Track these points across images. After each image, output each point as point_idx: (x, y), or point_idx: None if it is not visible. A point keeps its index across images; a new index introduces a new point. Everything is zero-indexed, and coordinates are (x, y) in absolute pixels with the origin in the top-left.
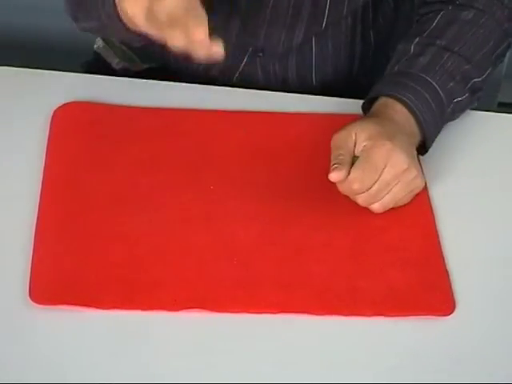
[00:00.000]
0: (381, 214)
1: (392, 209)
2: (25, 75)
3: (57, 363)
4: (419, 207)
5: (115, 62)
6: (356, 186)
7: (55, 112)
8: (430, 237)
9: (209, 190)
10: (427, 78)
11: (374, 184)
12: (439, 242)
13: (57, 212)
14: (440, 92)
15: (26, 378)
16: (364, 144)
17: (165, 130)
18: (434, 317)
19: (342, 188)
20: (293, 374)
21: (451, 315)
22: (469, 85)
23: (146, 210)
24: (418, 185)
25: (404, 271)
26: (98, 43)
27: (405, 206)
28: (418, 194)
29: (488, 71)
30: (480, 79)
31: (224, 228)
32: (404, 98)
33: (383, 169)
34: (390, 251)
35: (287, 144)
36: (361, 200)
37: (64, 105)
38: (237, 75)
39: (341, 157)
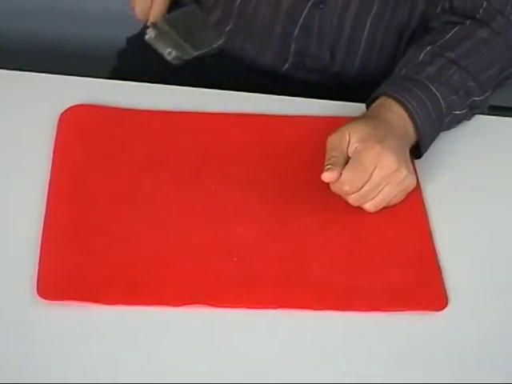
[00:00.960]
0: (376, 213)
1: (386, 208)
2: (32, 79)
3: (63, 357)
4: (413, 207)
5: (167, 52)
6: (347, 188)
7: (62, 115)
8: (424, 235)
9: (210, 190)
10: (432, 87)
11: (364, 185)
12: (432, 240)
13: (64, 211)
14: (441, 103)
15: (33, 372)
16: (355, 146)
17: (168, 132)
18: (426, 312)
19: (334, 188)
20: (291, 366)
21: (443, 311)
22: (469, 101)
23: (150, 210)
24: (408, 184)
25: (398, 268)
26: (150, 33)
27: (399, 205)
28: (411, 194)
29: (488, 93)
30: (479, 98)
31: (225, 227)
32: (403, 100)
33: (373, 170)
34: (385, 249)
35: (287, 146)
36: (352, 200)
37: (70, 108)
38: (295, 33)
39: (334, 158)
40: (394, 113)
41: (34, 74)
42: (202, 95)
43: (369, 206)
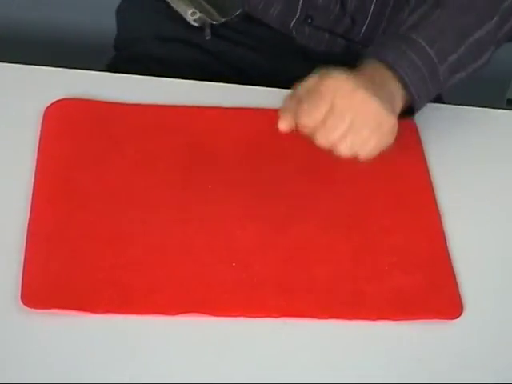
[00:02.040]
0: (385, 214)
1: (397, 209)
2: (15, 71)
3: (49, 368)
4: (425, 207)
5: (189, 13)
6: (304, 120)
7: (47, 109)
8: (437, 238)
9: (207, 190)
10: (412, 36)
11: (327, 116)
12: (446, 243)
13: (49, 213)
14: (427, 49)
15: (16, 382)
16: (313, 82)
17: (161, 127)
18: (440, 320)
19: (302, 130)
20: (294, 378)
21: (458, 319)
22: (469, 40)
23: (142, 211)
24: (382, 120)
25: (409, 273)
26: None
27: (409, 205)
28: (423, 193)
29: (493, 21)
30: (482, 31)
31: (223, 229)
32: (382, 56)
33: (334, 99)
34: (395, 253)
35: (288, 141)
36: (319, 137)
37: (56, 102)
38: None
39: (286, 105)
40: (368, 66)
41: (17, 65)
42: (195, 88)
43: (341, 148)
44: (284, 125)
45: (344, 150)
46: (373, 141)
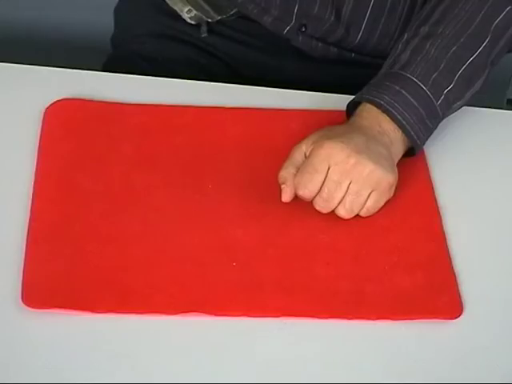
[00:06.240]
0: (386, 214)
1: (397, 209)
2: (15, 71)
3: (49, 368)
4: (425, 207)
5: (185, 11)
6: (300, 192)
7: (47, 109)
8: (437, 237)
9: (207, 189)
10: (406, 74)
11: (322, 186)
12: (446, 243)
13: (49, 213)
14: (422, 86)
15: (17, 382)
16: (308, 151)
17: (161, 127)
18: (440, 320)
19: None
20: (295, 377)
21: (458, 318)
22: (462, 69)
23: (142, 210)
24: (379, 180)
25: (410, 273)
26: None
27: (410, 206)
28: (423, 194)
29: (486, 41)
30: (475, 54)
31: (223, 229)
32: (376, 99)
33: (328, 169)
34: (396, 253)
35: (288, 141)
36: (317, 206)
37: (56, 102)
38: None
39: (284, 175)
40: (363, 116)
41: (17, 65)
42: (195, 88)
43: (341, 211)
44: (285, 198)
45: (343, 213)
46: (372, 200)
